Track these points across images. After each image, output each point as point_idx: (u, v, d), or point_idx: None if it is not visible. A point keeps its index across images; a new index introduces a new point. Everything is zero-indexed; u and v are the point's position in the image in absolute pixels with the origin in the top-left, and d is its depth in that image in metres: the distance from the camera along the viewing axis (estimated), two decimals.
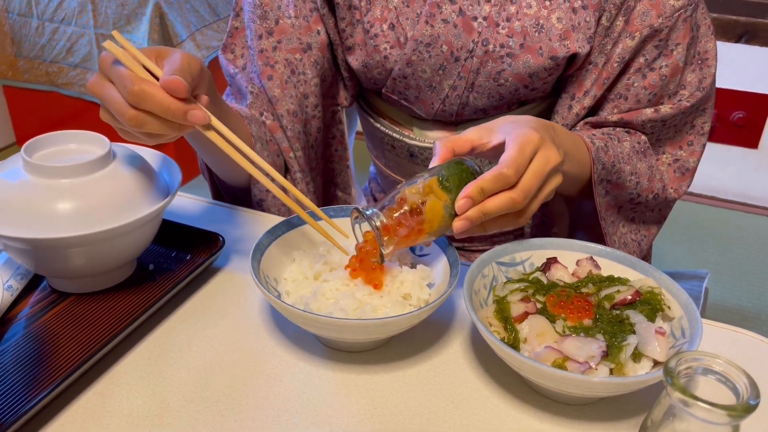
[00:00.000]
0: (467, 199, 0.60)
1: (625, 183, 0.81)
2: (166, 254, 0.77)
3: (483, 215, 0.60)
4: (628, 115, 0.83)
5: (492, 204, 0.60)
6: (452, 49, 0.81)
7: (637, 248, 0.89)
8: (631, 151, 0.82)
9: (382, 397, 0.60)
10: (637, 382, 0.54)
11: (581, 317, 0.61)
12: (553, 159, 0.63)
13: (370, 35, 0.84)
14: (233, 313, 0.70)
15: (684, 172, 0.88)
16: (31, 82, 2.14)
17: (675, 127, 0.86)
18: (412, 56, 0.82)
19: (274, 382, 0.61)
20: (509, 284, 0.65)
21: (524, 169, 0.61)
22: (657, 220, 0.90)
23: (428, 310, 0.60)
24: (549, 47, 0.80)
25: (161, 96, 0.57)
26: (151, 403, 0.58)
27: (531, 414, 0.59)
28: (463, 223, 0.60)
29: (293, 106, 0.86)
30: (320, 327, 0.59)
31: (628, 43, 0.80)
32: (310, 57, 0.86)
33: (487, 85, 0.83)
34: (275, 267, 0.68)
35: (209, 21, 1.99)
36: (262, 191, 0.85)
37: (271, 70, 0.85)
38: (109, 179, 0.68)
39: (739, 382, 0.44)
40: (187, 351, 0.64)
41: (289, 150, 0.87)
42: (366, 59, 0.86)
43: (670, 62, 0.81)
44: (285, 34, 0.86)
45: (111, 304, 0.69)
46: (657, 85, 0.82)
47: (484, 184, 0.60)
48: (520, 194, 0.61)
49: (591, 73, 0.82)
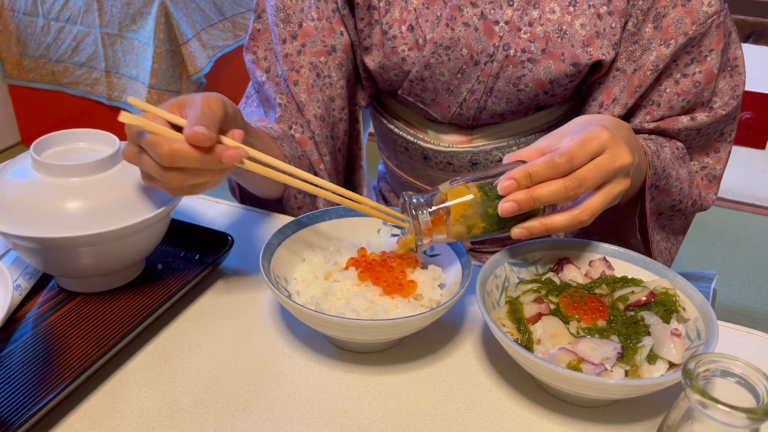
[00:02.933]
0: (512, 181, 0.58)
1: (671, 189, 0.79)
2: (175, 254, 0.76)
3: (532, 200, 0.58)
4: (664, 123, 0.81)
5: (542, 190, 0.58)
6: (472, 52, 0.80)
7: (668, 256, 0.87)
8: (672, 157, 0.80)
9: (394, 398, 0.60)
10: (654, 384, 0.53)
11: (595, 318, 0.60)
12: (623, 158, 0.60)
13: (388, 36, 0.83)
14: (242, 313, 0.69)
15: (711, 180, 0.87)
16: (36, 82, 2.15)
17: (707, 135, 0.85)
18: (430, 59, 0.82)
19: (285, 383, 0.61)
20: (522, 285, 0.65)
21: (582, 161, 0.58)
22: (683, 228, 0.89)
23: (440, 311, 0.59)
24: (571, 53, 0.78)
25: (191, 151, 0.56)
26: (161, 404, 0.58)
27: (544, 416, 0.59)
28: (510, 206, 0.58)
29: (320, 111, 0.85)
30: (331, 327, 0.58)
31: (663, 51, 0.78)
32: (334, 59, 0.86)
33: (506, 90, 0.82)
34: (285, 267, 0.68)
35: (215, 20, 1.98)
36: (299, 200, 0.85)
37: (297, 75, 0.85)
38: (118, 178, 0.67)
39: (759, 384, 0.44)
40: (196, 351, 0.64)
41: (319, 162, 0.86)
42: (383, 60, 0.85)
43: (703, 68, 0.79)
44: (309, 37, 0.85)
45: (120, 303, 0.68)
46: (690, 91, 0.80)
47: (532, 168, 0.58)
48: (574, 182, 0.58)
49: (619, 81, 0.80)
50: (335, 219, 0.73)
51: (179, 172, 0.57)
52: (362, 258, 0.66)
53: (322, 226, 0.72)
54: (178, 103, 0.61)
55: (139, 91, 1.97)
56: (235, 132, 0.60)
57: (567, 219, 0.59)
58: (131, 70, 1.97)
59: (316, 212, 0.72)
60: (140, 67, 1.93)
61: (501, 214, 0.59)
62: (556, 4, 0.78)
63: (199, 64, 1.91)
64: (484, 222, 0.61)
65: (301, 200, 0.85)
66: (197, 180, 0.59)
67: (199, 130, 0.55)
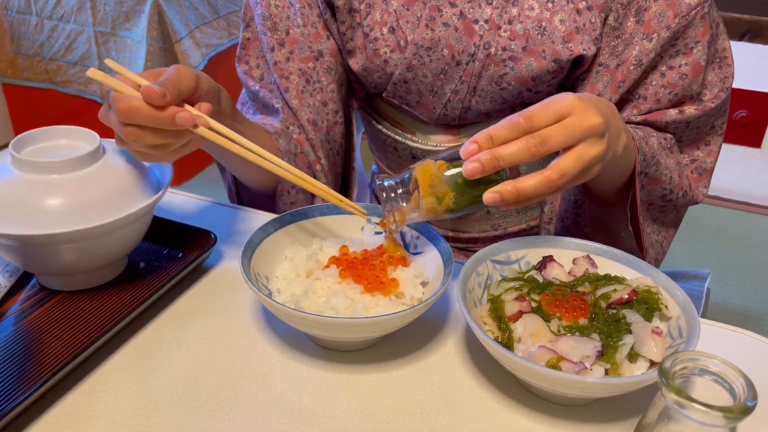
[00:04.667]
0: (474, 144, 0.58)
1: (661, 177, 0.78)
2: (158, 251, 0.76)
3: (495, 159, 0.57)
4: (651, 116, 0.80)
5: (504, 149, 0.57)
6: (453, 53, 0.80)
7: (660, 249, 0.87)
8: (659, 146, 0.79)
9: (374, 397, 0.59)
10: (632, 383, 0.52)
11: (577, 316, 0.60)
12: (591, 119, 0.58)
13: (370, 39, 0.83)
14: (224, 311, 0.69)
15: (701, 173, 0.86)
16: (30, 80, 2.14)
17: (697, 128, 0.84)
18: (412, 60, 0.81)
19: (265, 382, 0.60)
20: (504, 283, 0.64)
21: (544, 120, 0.57)
22: (675, 222, 0.88)
23: (421, 309, 0.59)
24: (552, 50, 0.78)
25: (145, 107, 0.58)
26: (138, 404, 0.57)
27: (525, 415, 0.58)
28: (474, 166, 0.57)
29: (312, 116, 0.85)
30: (310, 326, 0.58)
31: (645, 46, 0.77)
32: (322, 64, 0.86)
33: (489, 89, 0.82)
34: (267, 265, 0.67)
35: (209, 18, 1.98)
36: (292, 195, 0.85)
37: (287, 82, 0.85)
38: (99, 175, 0.67)
39: (736, 383, 0.43)
40: (176, 350, 0.63)
41: (316, 162, 0.86)
42: (366, 63, 0.85)
43: (690, 61, 0.78)
44: (296, 44, 0.85)
45: (100, 302, 0.68)
46: (677, 84, 0.79)
47: (493, 130, 0.58)
48: (536, 138, 0.56)
49: (603, 76, 0.80)
50: (319, 216, 0.72)
51: (135, 128, 0.59)
52: (344, 256, 0.66)
53: (306, 223, 0.72)
54: (155, 72, 0.63)
55: None
56: (202, 105, 0.63)
57: (538, 179, 0.58)
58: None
59: (300, 209, 0.72)
60: (133, 66, 1.93)
61: (465, 175, 0.58)
62: (535, 1, 0.78)
63: (193, 62, 1.91)
64: (454, 191, 0.60)
65: (294, 195, 0.84)
66: (154, 139, 0.60)
67: (153, 87, 0.58)
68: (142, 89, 0.58)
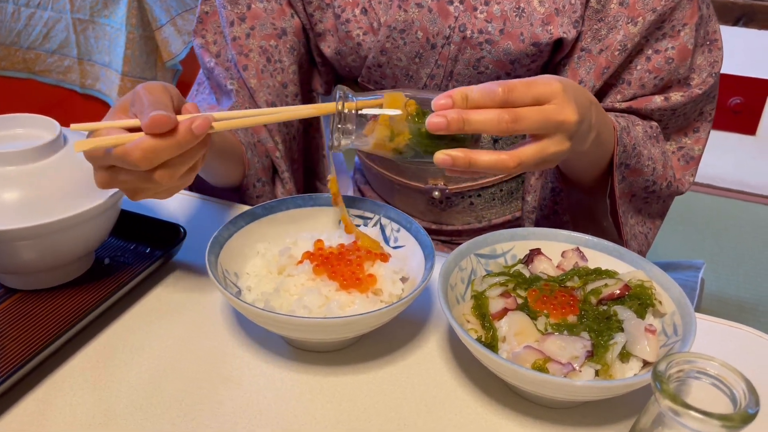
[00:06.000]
0: (448, 99, 0.54)
1: (643, 168, 0.76)
2: (124, 247, 0.72)
3: (462, 121, 0.54)
4: (636, 102, 0.77)
5: (475, 114, 0.54)
6: (428, 35, 0.76)
7: (645, 241, 0.84)
8: (645, 136, 0.76)
9: (350, 400, 0.56)
10: (624, 385, 0.49)
11: (565, 314, 0.56)
12: (568, 114, 0.56)
13: (342, 20, 0.79)
14: (193, 310, 0.65)
15: (689, 161, 0.83)
16: (7, 70, 2.08)
17: (684, 115, 0.81)
18: (386, 43, 0.77)
19: (233, 386, 0.56)
20: (488, 278, 0.60)
21: (522, 98, 0.55)
22: (661, 212, 0.85)
23: (398, 307, 0.55)
24: (531, 33, 0.74)
25: (162, 141, 0.52)
26: (96, 411, 0.54)
27: (511, 419, 0.55)
28: (439, 120, 0.54)
29: (271, 97, 0.81)
30: (280, 326, 0.54)
31: (630, 30, 0.73)
32: (285, 43, 0.81)
33: (466, 73, 0.78)
34: (237, 261, 0.63)
35: (191, 5, 1.92)
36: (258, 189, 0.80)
37: (246, 60, 0.80)
38: (59, 166, 0.63)
39: (736, 387, 0.40)
40: (139, 352, 0.59)
41: (274, 149, 0.82)
42: (339, 46, 0.81)
43: (676, 44, 0.75)
44: (258, 20, 0.81)
45: (61, 301, 0.64)
46: (663, 69, 0.75)
47: (470, 91, 0.54)
48: (510, 114, 0.53)
49: (585, 61, 0.76)
50: (293, 209, 0.68)
51: (164, 169, 0.53)
52: (318, 251, 0.62)
53: (280, 216, 0.68)
54: (121, 107, 0.57)
55: (112, 78, 1.91)
56: (187, 105, 0.57)
57: (493, 159, 0.55)
58: (104, 57, 1.91)
59: (272, 202, 0.68)
60: (113, 54, 1.87)
61: (428, 127, 0.54)
62: None
63: (174, 50, 1.86)
64: (411, 135, 0.56)
65: (260, 189, 0.80)
66: (183, 167, 0.54)
67: (156, 113, 0.51)
68: (147, 122, 0.51)
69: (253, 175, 0.79)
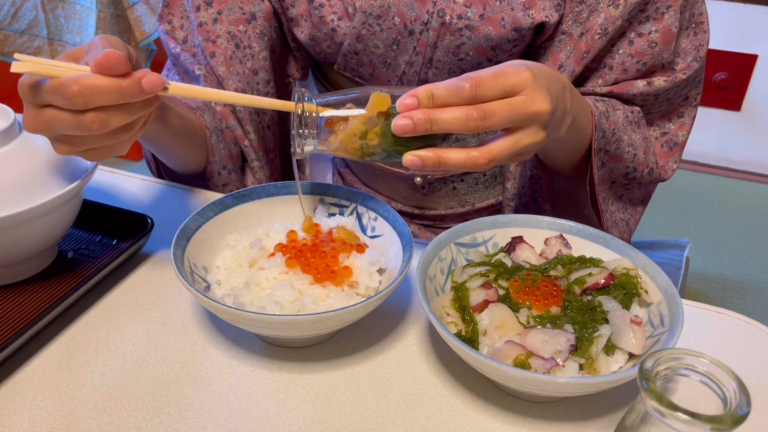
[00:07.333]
0: (413, 99, 0.51)
1: (623, 155, 0.73)
2: (89, 239, 0.69)
3: (429, 121, 0.51)
4: (617, 87, 0.74)
5: (442, 113, 0.51)
6: (405, 21, 0.72)
7: (626, 228, 0.81)
8: (625, 121, 0.73)
9: (325, 399, 0.53)
10: (608, 381, 0.47)
11: (548, 305, 0.54)
12: (540, 104, 0.53)
13: (315, 5, 0.75)
14: (161, 305, 0.62)
15: (672, 147, 0.80)
16: None
17: (668, 101, 0.78)
18: (361, 30, 0.74)
19: (202, 385, 0.54)
20: (469, 268, 0.58)
21: (491, 92, 0.52)
22: (643, 198, 0.83)
23: (373, 302, 0.52)
24: (512, 17, 0.71)
25: (106, 82, 0.47)
26: (57, 415, 0.51)
27: (493, 415, 0.53)
28: (404, 123, 0.51)
29: (240, 85, 0.77)
30: (250, 324, 0.51)
31: (611, 12, 0.70)
32: (255, 28, 0.77)
33: (446, 60, 0.74)
34: (205, 254, 0.60)
35: None
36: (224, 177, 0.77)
37: (213, 46, 0.76)
38: (15, 155, 0.60)
39: (727, 385, 0.38)
40: (104, 352, 0.57)
41: (243, 138, 0.78)
42: (313, 32, 0.77)
43: (660, 27, 0.71)
44: (225, 4, 0.76)
45: (21, 298, 0.61)
46: (646, 53, 0.72)
47: (436, 88, 0.52)
48: (479, 112, 0.51)
49: (566, 45, 0.73)
50: (265, 198, 0.66)
51: (98, 113, 0.48)
52: (291, 243, 0.59)
53: (251, 206, 0.65)
54: (73, 54, 0.53)
55: None
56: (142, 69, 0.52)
57: (463, 157, 0.52)
58: (75, 37, 1.85)
59: (244, 190, 0.65)
60: (84, 34, 1.81)
61: (393, 130, 0.52)
62: None
63: (147, 29, 1.80)
64: (379, 136, 0.54)
65: (226, 177, 0.77)
66: (118, 118, 0.49)
67: (113, 51, 0.47)
68: (102, 58, 0.47)
69: (218, 161, 0.76)
